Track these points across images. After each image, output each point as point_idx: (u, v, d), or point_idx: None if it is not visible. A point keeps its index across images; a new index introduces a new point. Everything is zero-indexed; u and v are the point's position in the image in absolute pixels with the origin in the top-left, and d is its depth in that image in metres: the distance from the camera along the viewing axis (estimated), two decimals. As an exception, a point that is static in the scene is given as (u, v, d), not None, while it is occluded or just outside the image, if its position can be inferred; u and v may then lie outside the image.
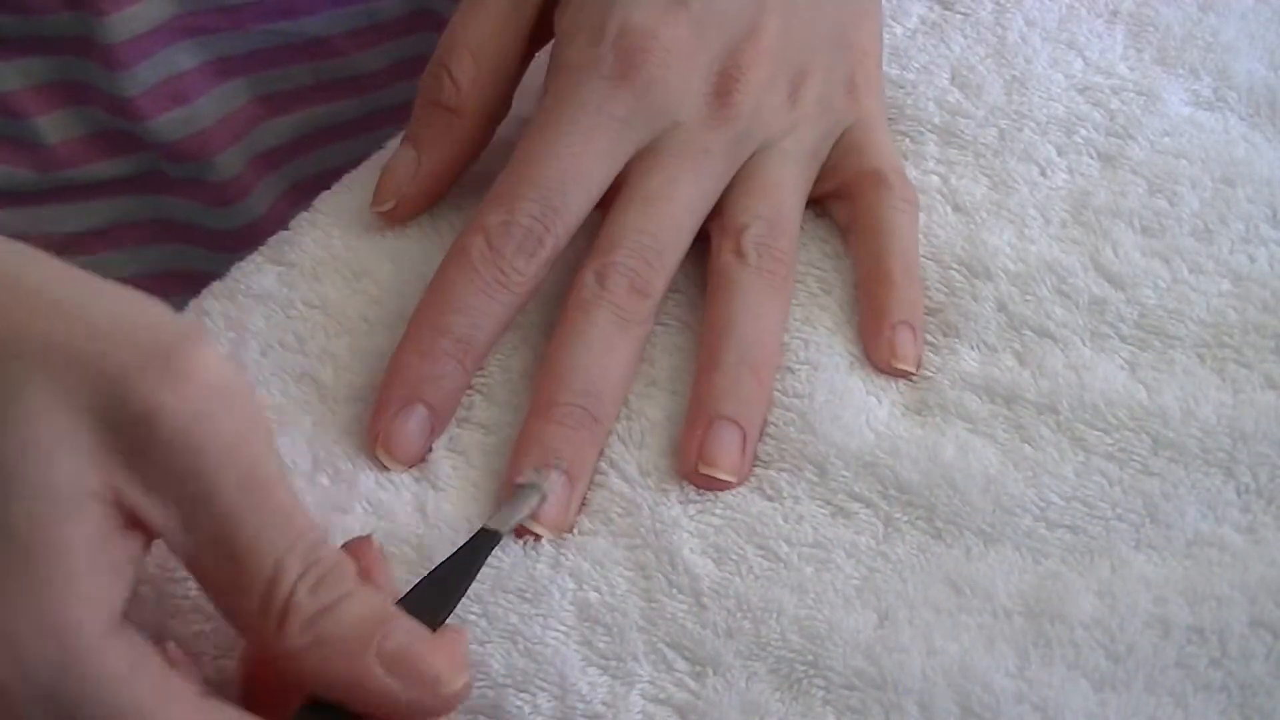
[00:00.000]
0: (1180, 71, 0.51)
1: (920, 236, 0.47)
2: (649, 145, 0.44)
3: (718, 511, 0.42)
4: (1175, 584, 0.40)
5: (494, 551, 0.41)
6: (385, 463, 0.42)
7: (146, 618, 0.38)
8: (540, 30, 0.47)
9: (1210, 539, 0.41)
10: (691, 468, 0.42)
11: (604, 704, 0.38)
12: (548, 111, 0.44)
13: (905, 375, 0.44)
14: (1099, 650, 0.38)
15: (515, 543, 0.41)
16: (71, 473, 0.31)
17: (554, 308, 0.45)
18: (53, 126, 0.59)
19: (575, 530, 0.41)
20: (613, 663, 0.39)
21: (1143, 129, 0.49)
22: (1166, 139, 0.49)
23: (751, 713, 0.38)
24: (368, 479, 0.42)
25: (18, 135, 0.59)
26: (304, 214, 0.49)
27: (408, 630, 0.34)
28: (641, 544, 0.41)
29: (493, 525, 0.40)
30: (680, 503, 0.42)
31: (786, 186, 0.46)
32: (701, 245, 0.46)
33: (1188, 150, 0.48)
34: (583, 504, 0.42)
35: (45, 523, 0.31)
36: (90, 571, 0.32)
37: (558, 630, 0.40)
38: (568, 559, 0.41)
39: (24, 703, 0.31)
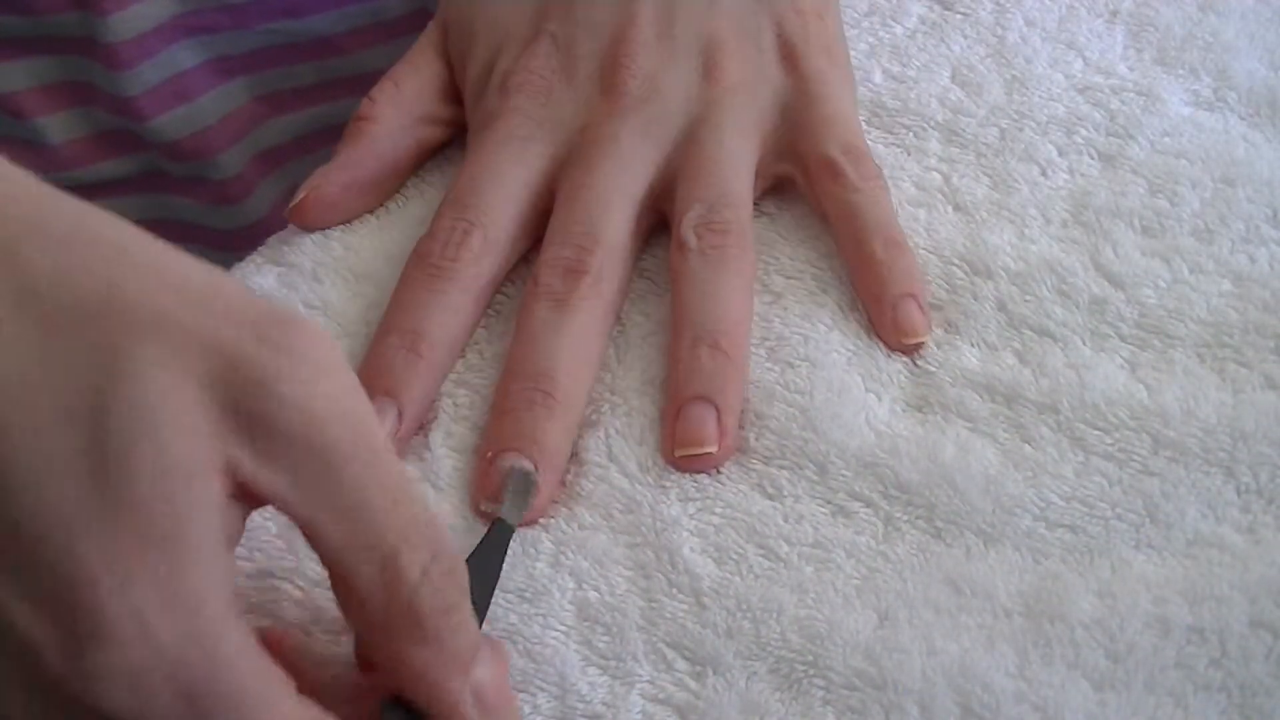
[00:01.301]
0: (1180, 71, 0.51)
1: (921, 231, 0.47)
2: (567, 153, 0.46)
3: (718, 510, 0.42)
4: (1175, 584, 0.40)
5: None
6: None
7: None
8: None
9: (1210, 539, 0.41)
10: (671, 456, 0.42)
11: (604, 704, 0.38)
12: (466, 158, 0.47)
13: (918, 349, 0.44)
14: (1099, 650, 0.38)
15: (514, 541, 0.41)
16: (191, 445, 0.31)
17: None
18: (56, 127, 0.59)
19: (576, 525, 0.41)
20: (612, 663, 0.39)
21: (1143, 129, 0.49)
22: (1166, 139, 0.49)
23: (751, 713, 0.38)
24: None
25: (21, 136, 0.59)
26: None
27: (493, 668, 0.35)
28: (642, 542, 0.41)
29: (506, 517, 0.40)
30: (680, 501, 0.42)
31: (723, 161, 0.46)
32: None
33: (1188, 150, 0.48)
34: (582, 497, 0.42)
35: (168, 497, 0.31)
36: (211, 545, 0.31)
37: (557, 630, 0.40)
38: (567, 558, 0.41)
39: (152, 679, 0.31)
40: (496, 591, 0.40)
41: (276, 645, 0.36)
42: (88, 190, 0.60)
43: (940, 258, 0.46)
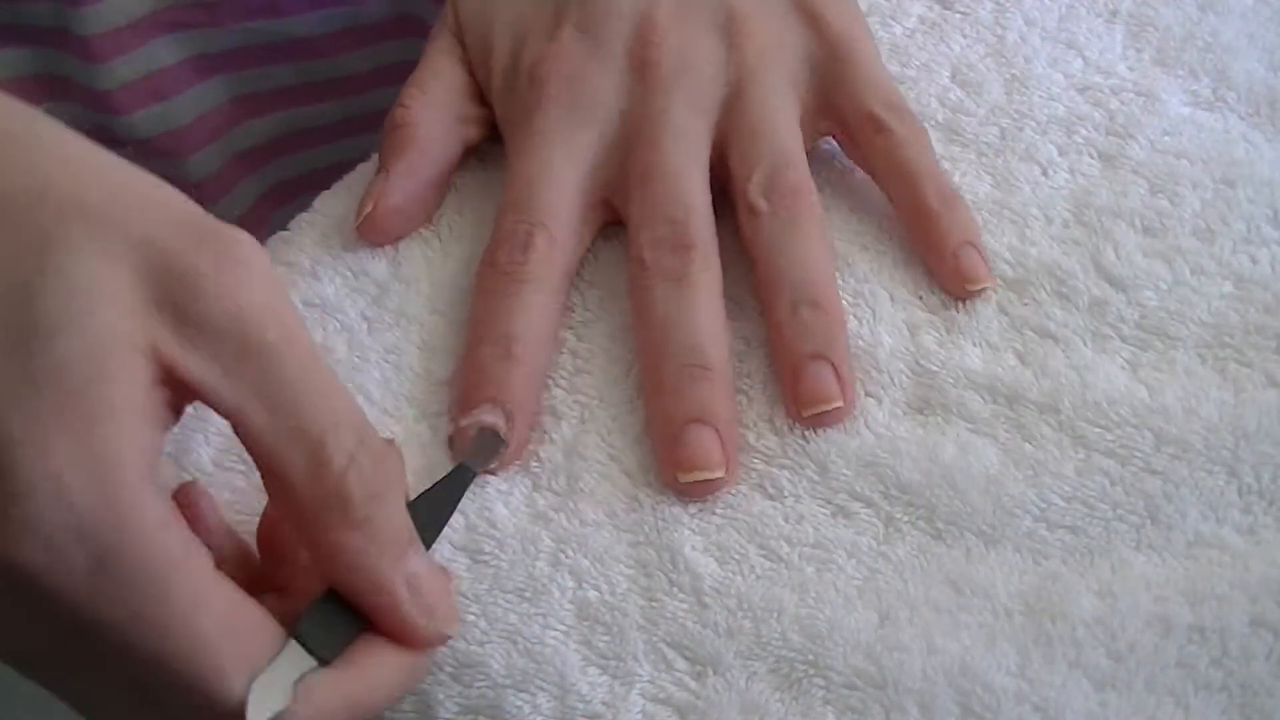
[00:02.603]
0: (1180, 71, 0.51)
1: None
2: (618, 138, 0.46)
3: (719, 510, 0.42)
4: (1176, 584, 0.40)
5: (493, 550, 0.41)
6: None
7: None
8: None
9: (1211, 539, 0.41)
10: (797, 413, 0.43)
11: (604, 704, 0.38)
12: (510, 161, 0.47)
13: (981, 294, 0.45)
14: (1100, 649, 0.38)
15: (514, 540, 0.41)
16: (113, 320, 0.32)
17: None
18: None
19: (578, 522, 0.41)
20: (612, 662, 0.39)
21: (1143, 129, 0.49)
22: (1166, 139, 0.49)
23: (751, 712, 0.38)
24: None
25: None
26: (304, 214, 0.49)
27: (427, 558, 0.36)
28: (644, 541, 0.41)
29: (470, 465, 0.40)
30: (681, 502, 0.42)
31: (771, 121, 0.46)
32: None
33: (1188, 150, 0.48)
34: (584, 494, 0.42)
35: (91, 362, 0.32)
36: (131, 413, 0.32)
37: (557, 630, 0.40)
38: (567, 556, 0.41)
39: (63, 536, 0.31)
40: (497, 591, 0.40)
41: (208, 525, 0.37)
42: None
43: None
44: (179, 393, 0.34)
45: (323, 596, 0.35)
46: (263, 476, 0.35)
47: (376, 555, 0.35)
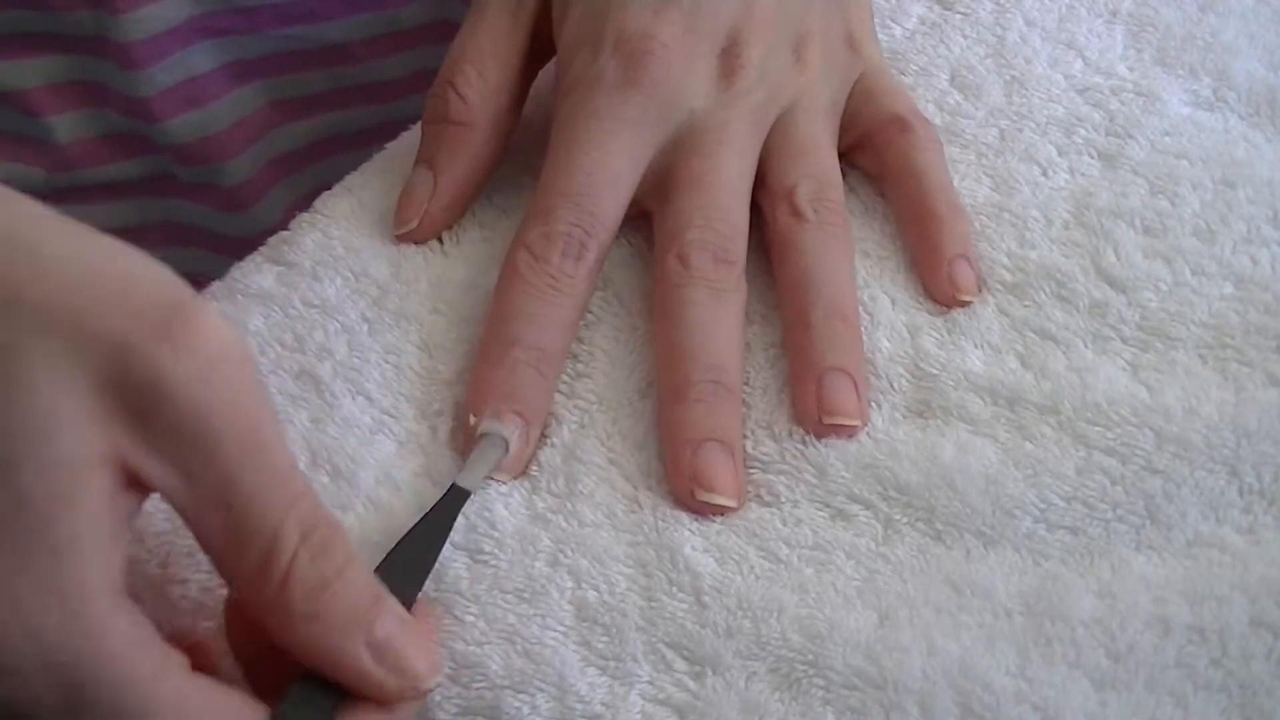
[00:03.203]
0: (1180, 71, 0.51)
1: None
2: (675, 138, 0.45)
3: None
4: (1175, 584, 0.40)
5: (492, 550, 0.41)
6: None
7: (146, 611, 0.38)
8: (537, 46, 0.48)
9: (1211, 539, 0.41)
10: (816, 422, 0.43)
11: (603, 704, 0.38)
12: (564, 128, 0.45)
13: (966, 304, 0.45)
14: (1099, 650, 0.38)
15: (513, 540, 0.41)
16: (77, 439, 0.32)
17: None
18: (66, 126, 0.59)
19: (576, 523, 0.41)
20: (612, 663, 0.39)
21: (1143, 129, 0.49)
22: (1167, 139, 0.49)
23: (751, 713, 0.38)
24: (367, 477, 0.42)
25: (30, 134, 0.58)
26: (304, 215, 0.49)
27: (396, 617, 0.35)
28: (643, 541, 0.41)
29: (463, 484, 0.40)
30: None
31: (820, 141, 0.47)
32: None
33: (1188, 150, 0.48)
34: (584, 495, 0.42)
35: (53, 490, 0.32)
36: (96, 538, 0.32)
37: (556, 630, 0.39)
38: (566, 556, 0.41)
39: (30, 668, 0.31)
40: (496, 591, 0.40)
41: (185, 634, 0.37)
42: (95, 191, 0.60)
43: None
44: (143, 489, 0.34)
45: (303, 673, 0.35)
46: (221, 575, 0.35)
47: (334, 637, 0.34)
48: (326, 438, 0.43)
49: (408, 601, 0.37)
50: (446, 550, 0.41)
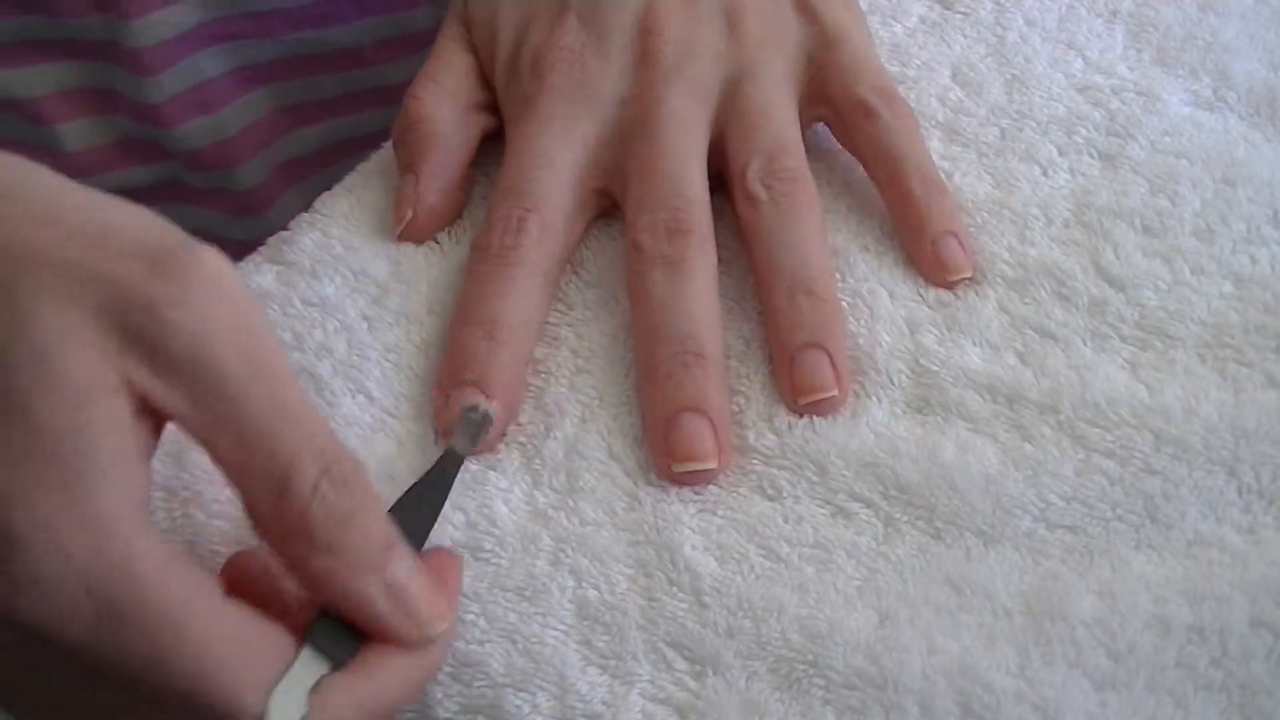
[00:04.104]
0: (1180, 71, 0.51)
1: None
2: (617, 128, 0.47)
3: (719, 510, 0.42)
4: (1175, 584, 0.40)
5: (492, 548, 0.41)
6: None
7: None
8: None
9: (1210, 539, 0.41)
10: (793, 400, 0.43)
11: (603, 703, 0.38)
12: (508, 146, 0.47)
13: (958, 284, 0.45)
14: (1099, 650, 0.38)
15: (514, 538, 0.41)
16: (86, 366, 0.32)
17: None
18: (76, 133, 0.59)
19: (578, 521, 0.41)
20: (612, 662, 0.39)
21: (1143, 129, 0.49)
22: (1167, 139, 0.49)
23: (751, 712, 0.38)
24: (367, 475, 0.42)
25: (40, 142, 0.58)
26: (303, 215, 0.49)
27: (408, 562, 0.36)
28: (644, 540, 0.41)
29: (457, 449, 0.41)
30: (681, 501, 0.42)
31: (770, 111, 0.47)
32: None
33: (1188, 150, 0.48)
34: (584, 492, 0.42)
35: (70, 417, 0.32)
36: (117, 461, 0.33)
37: (557, 629, 0.40)
38: (567, 556, 0.41)
39: (66, 590, 0.32)
40: (497, 589, 0.40)
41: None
42: None
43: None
44: (159, 417, 0.34)
45: (322, 613, 0.36)
46: (239, 499, 0.35)
47: (349, 575, 0.35)
48: (327, 436, 0.43)
49: None
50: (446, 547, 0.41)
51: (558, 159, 0.46)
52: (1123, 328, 0.45)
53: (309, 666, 0.35)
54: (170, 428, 0.35)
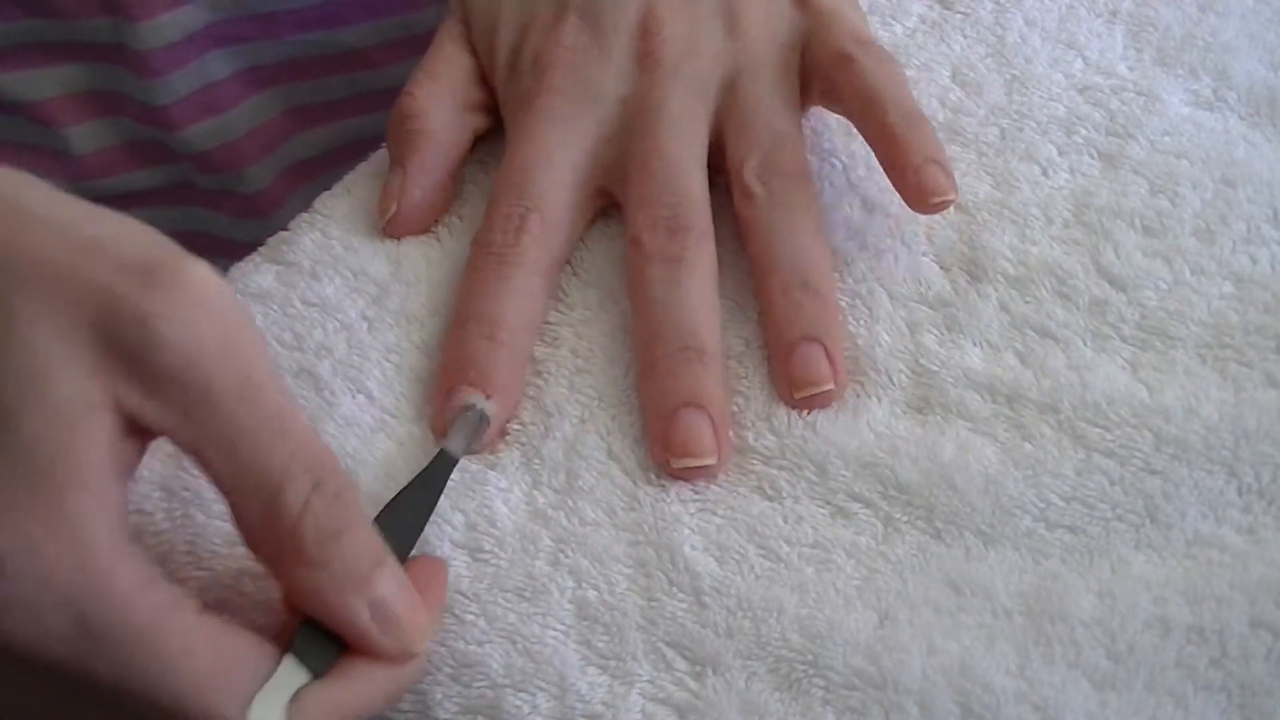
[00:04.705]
0: (1180, 71, 0.51)
1: (922, 232, 0.47)
2: (617, 126, 0.47)
3: (719, 510, 0.42)
4: (1175, 584, 0.40)
5: (492, 548, 0.41)
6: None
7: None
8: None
9: (1210, 539, 0.41)
10: (789, 394, 0.43)
11: (603, 704, 0.38)
12: (508, 145, 0.47)
13: (945, 207, 0.44)
14: (1099, 650, 0.38)
15: (513, 538, 0.41)
16: (75, 384, 0.33)
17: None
18: (83, 136, 0.59)
19: (577, 521, 0.41)
20: (612, 662, 0.39)
21: (1143, 129, 0.49)
22: (1166, 139, 0.49)
23: (751, 713, 0.38)
24: (367, 476, 0.42)
25: (47, 144, 0.58)
26: (303, 215, 0.49)
27: (396, 579, 0.36)
28: (643, 540, 0.41)
29: (450, 448, 0.41)
30: (681, 501, 0.42)
31: (768, 105, 0.47)
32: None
33: (1188, 150, 0.48)
34: (584, 492, 0.42)
35: (56, 435, 0.32)
36: (101, 480, 0.33)
37: (557, 629, 0.40)
38: (567, 556, 0.41)
39: (45, 608, 0.32)
40: (496, 590, 0.40)
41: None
42: (113, 201, 0.60)
43: (942, 258, 0.46)
44: (146, 435, 0.34)
45: (306, 621, 0.36)
46: (230, 512, 0.35)
47: (335, 591, 0.35)
48: (326, 436, 0.43)
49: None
50: (447, 549, 0.41)
51: (558, 158, 0.46)
52: (1123, 328, 0.45)
53: (289, 677, 0.35)
54: None
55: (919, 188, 0.44)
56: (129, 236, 0.34)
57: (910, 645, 0.39)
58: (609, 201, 0.47)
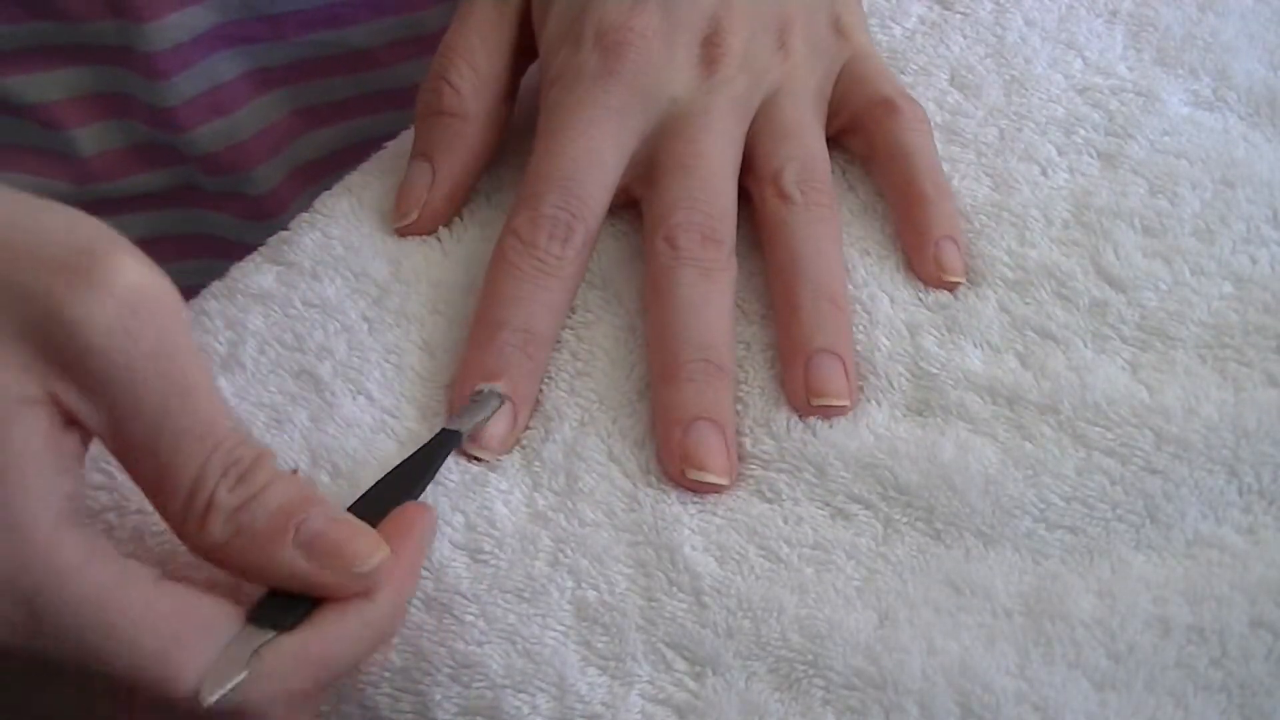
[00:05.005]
0: (1180, 71, 0.51)
1: None
2: (658, 125, 0.46)
3: (718, 511, 0.42)
4: (1175, 584, 0.40)
5: (492, 549, 0.41)
6: (477, 454, 0.43)
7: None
8: (524, 39, 0.49)
9: (1210, 539, 0.41)
10: (806, 405, 0.43)
11: (603, 704, 0.38)
12: (549, 119, 0.46)
13: (952, 287, 0.45)
14: (1099, 650, 0.38)
15: (513, 539, 0.41)
16: (9, 381, 0.33)
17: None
18: (90, 138, 0.59)
19: (577, 522, 0.41)
20: (612, 663, 0.39)
21: (1142, 129, 0.49)
22: (1166, 139, 0.49)
23: (751, 713, 0.38)
24: (367, 475, 0.42)
25: (54, 147, 0.58)
26: (303, 215, 0.49)
27: (327, 515, 0.36)
28: (643, 541, 0.41)
29: (453, 426, 0.41)
30: (680, 502, 0.42)
31: (806, 125, 0.47)
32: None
33: (1188, 150, 0.48)
34: (584, 493, 0.42)
35: None
36: (38, 470, 0.33)
37: (556, 630, 0.40)
38: (566, 556, 0.41)
39: None
40: (496, 590, 0.40)
41: None
42: (120, 203, 0.60)
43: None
44: (87, 430, 0.35)
45: (268, 594, 0.36)
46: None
47: (259, 550, 0.35)
48: (327, 437, 0.43)
49: None
50: (447, 550, 0.41)
51: (609, 158, 0.45)
52: (1123, 328, 0.45)
53: (251, 636, 0.35)
54: None
55: (937, 262, 0.45)
56: (61, 230, 0.34)
57: (910, 645, 0.39)
58: (625, 199, 0.47)
